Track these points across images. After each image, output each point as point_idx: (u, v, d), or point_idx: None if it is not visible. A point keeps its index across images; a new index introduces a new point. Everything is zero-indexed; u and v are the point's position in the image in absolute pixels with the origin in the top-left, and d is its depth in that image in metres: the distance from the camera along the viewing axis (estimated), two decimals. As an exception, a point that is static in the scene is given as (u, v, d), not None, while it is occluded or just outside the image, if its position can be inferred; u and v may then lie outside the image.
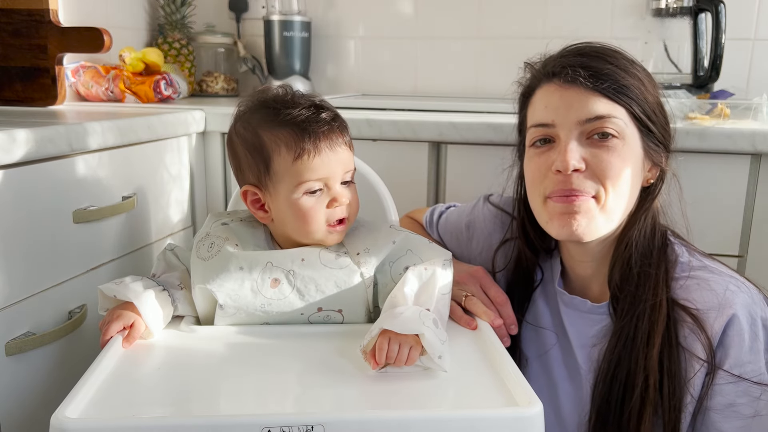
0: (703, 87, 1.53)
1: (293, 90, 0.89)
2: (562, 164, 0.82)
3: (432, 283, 0.84)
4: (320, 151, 0.83)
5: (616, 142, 0.83)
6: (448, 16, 1.81)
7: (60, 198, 0.98)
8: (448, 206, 1.17)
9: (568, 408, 0.92)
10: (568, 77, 0.83)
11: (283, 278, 0.84)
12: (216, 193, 1.42)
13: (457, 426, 0.64)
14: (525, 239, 0.98)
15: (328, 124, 0.85)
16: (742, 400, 0.80)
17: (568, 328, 0.94)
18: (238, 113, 0.90)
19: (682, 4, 1.54)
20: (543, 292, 0.99)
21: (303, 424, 0.61)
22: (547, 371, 0.95)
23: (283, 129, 0.84)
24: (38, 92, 1.33)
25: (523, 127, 0.93)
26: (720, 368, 0.80)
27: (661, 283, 0.84)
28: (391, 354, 0.72)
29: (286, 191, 0.85)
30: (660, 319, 0.83)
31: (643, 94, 0.85)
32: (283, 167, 0.84)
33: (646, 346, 0.82)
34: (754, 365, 0.80)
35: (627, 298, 0.86)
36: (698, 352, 0.81)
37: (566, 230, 0.84)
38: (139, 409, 0.67)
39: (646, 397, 0.82)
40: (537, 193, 0.87)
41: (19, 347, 0.90)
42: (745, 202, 1.18)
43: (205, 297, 0.87)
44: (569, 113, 0.83)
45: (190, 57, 1.85)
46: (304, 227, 0.86)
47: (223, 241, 0.88)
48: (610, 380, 0.85)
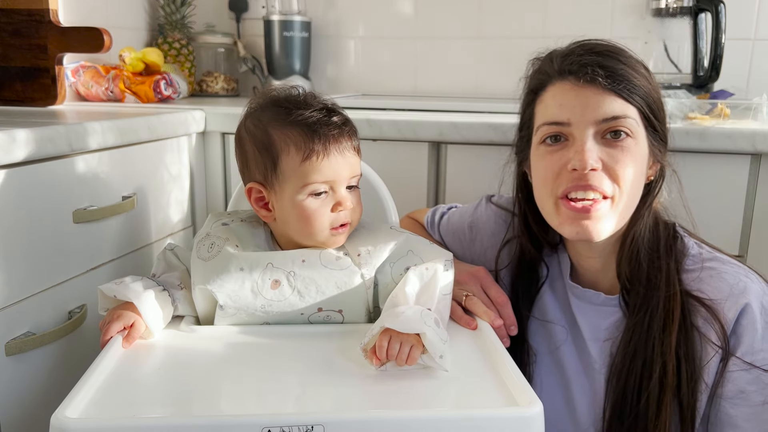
0: (703, 87, 1.53)
1: (306, 91, 0.89)
2: (581, 163, 0.82)
3: (433, 283, 0.84)
4: (329, 153, 0.83)
5: (630, 142, 0.83)
6: (448, 16, 1.81)
7: (60, 198, 0.98)
8: (449, 207, 1.17)
9: (583, 403, 0.92)
10: (587, 76, 0.83)
11: (283, 279, 0.84)
12: (216, 193, 1.42)
13: (458, 426, 0.64)
14: (528, 235, 0.98)
15: (338, 128, 0.85)
16: (752, 388, 0.82)
17: (580, 321, 0.94)
18: (249, 110, 0.90)
19: (682, 4, 1.54)
20: (551, 287, 0.99)
21: (303, 424, 0.62)
22: (560, 367, 0.95)
23: (293, 129, 0.84)
24: (38, 92, 1.33)
25: (529, 124, 0.92)
26: (733, 355, 0.81)
27: (672, 274, 0.86)
28: (392, 352, 0.72)
29: (291, 191, 0.84)
30: (676, 308, 0.84)
31: (650, 94, 0.85)
32: (290, 167, 0.84)
33: (662, 333, 0.84)
34: (766, 353, 0.82)
35: (639, 293, 0.87)
36: (713, 339, 0.82)
37: (581, 234, 0.84)
38: (139, 409, 0.67)
39: (665, 383, 0.83)
40: (548, 192, 0.87)
41: (19, 347, 0.90)
42: (745, 202, 1.18)
43: (205, 297, 0.87)
44: (586, 112, 0.83)
45: (190, 57, 1.85)
46: (307, 229, 0.85)
47: (223, 242, 0.88)
48: (626, 373, 0.86)
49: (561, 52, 0.88)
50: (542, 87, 0.89)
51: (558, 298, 0.98)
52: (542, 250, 0.99)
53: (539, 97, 0.89)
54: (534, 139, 0.90)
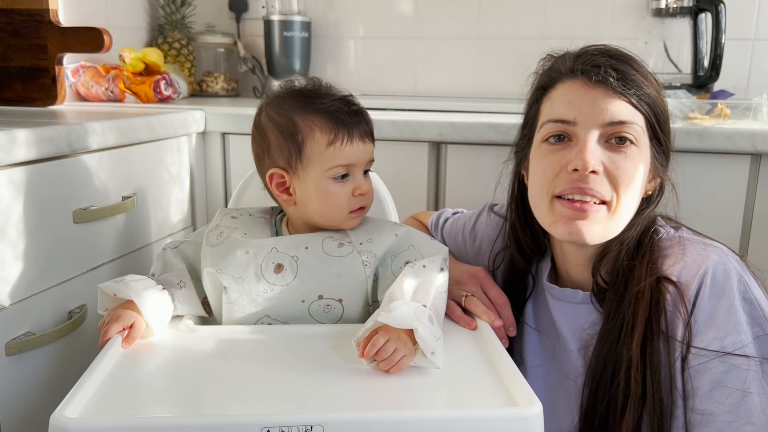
0: (703, 87, 1.53)
1: (321, 81, 0.94)
2: (582, 164, 0.80)
3: (430, 280, 0.85)
4: (352, 139, 0.88)
5: (633, 149, 0.82)
6: (448, 16, 1.81)
7: (60, 198, 0.98)
8: (454, 212, 1.17)
9: (566, 414, 0.91)
10: (599, 76, 0.82)
11: (286, 264, 0.87)
12: (216, 193, 1.43)
13: (457, 426, 0.64)
14: (516, 243, 0.97)
15: (357, 116, 0.90)
16: (728, 377, 0.77)
17: (560, 323, 0.92)
18: (268, 100, 0.93)
19: (682, 4, 1.54)
20: (533, 296, 0.98)
21: (303, 424, 0.62)
22: (544, 377, 0.95)
23: (318, 116, 0.88)
24: (38, 92, 1.33)
25: (533, 121, 0.90)
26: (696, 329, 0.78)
27: (645, 276, 0.83)
28: (383, 353, 0.73)
29: (315, 174, 0.88)
30: (642, 309, 0.82)
31: (659, 105, 0.85)
32: (315, 151, 0.88)
33: (630, 339, 0.82)
34: (734, 337, 0.78)
35: (613, 300, 0.85)
36: (680, 328, 0.79)
37: (573, 235, 0.83)
38: (139, 409, 0.67)
39: (628, 392, 0.81)
40: (544, 191, 0.85)
41: (19, 347, 0.90)
42: (745, 202, 1.18)
43: (213, 283, 0.89)
44: (593, 113, 0.82)
45: (190, 57, 1.85)
46: (329, 210, 0.90)
47: (231, 230, 0.91)
48: (597, 382, 0.85)
49: (574, 52, 0.88)
50: (551, 84, 0.88)
51: (536, 305, 0.97)
52: (531, 260, 0.99)
53: (547, 94, 0.88)
54: (536, 137, 0.88)
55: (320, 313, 0.88)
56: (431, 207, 1.34)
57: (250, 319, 0.87)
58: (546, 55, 0.92)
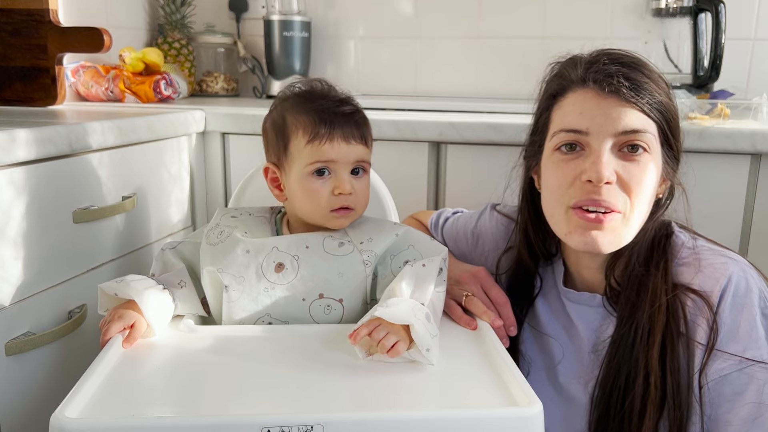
0: (703, 87, 1.53)
1: (330, 85, 0.95)
2: (596, 175, 0.80)
3: (428, 279, 0.85)
4: (333, 138, 0.89)
5: (646, 157, 0.82)
6: (448, 16, 1.81)
7: (60, 198, 0.98)
8: (455, 212, 1.17)
9: (576, 418, 0.91)
10: (611, 86, 0.81)
11: (287, 263, 0.87)
12: (216, 193, 1.43)
13: (457, 426, 0.64)
14: (526, 244, 0.97)
15: (345, 116, 0.90)
16: (748, 388, 0.79)
17: (578, 324, 0.93)
18: (278, 99, 0.96)
19: (682, 4, 1.54)
20: (544, 298, 0.98)
21: (303, 424, 0.62)
22: (555, 380, 0.94)
23: (305, 115, 0.90)
24: (38, 92, 1.33)
25: (543, 129, 0.90)
26: (724, 351, 0.79)
27: (660, 282, 0.84)
28: (376, 336, 0.74)
29: (297, 170, 0.90)
30: (659, 317, 0.82)
31: (670, 110, 0.84)
32: (297, 148, 0.90)
33: (646, 346, 0.82)
34: (755, 351, 0.79)
35: (626, 305, 0.86)
36: (700, 335, 0.81)
37: (588, 245, 0.83)
38: (139, 409, 0.67)
39: (647, 397, 0.81)
40: (559, 201, 0.85)
41: (19, 347, 0.90)
42: (745, 202, 1.18)
43: (213, 282, 0.89)
44: (606, 123, 0.81)
45: (190, 57, 1.85)
46: (308, 206, 0.91)
47: (232, 229, 0.92)
48: (610, 387, 0.85)
49: (585, 59, 0.86)
50: (562, 92, 0.87)
51: (552, 308, 0.97)
52: (538, 261, 0.98)
53: (558, 102, 0.87)
54: (548, 145, 0.88)
55: (320, 314, 0.88)
56: (431, 207, 1.34)
57: (250, 318, 0.87)
58: (553, 61, 0.91)
